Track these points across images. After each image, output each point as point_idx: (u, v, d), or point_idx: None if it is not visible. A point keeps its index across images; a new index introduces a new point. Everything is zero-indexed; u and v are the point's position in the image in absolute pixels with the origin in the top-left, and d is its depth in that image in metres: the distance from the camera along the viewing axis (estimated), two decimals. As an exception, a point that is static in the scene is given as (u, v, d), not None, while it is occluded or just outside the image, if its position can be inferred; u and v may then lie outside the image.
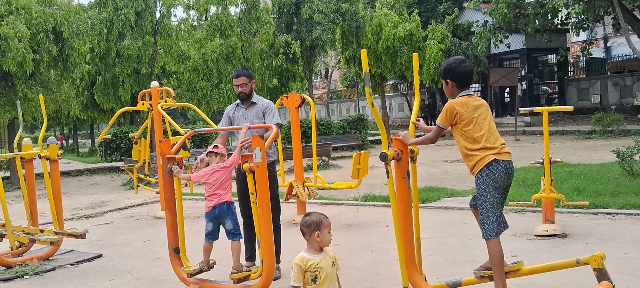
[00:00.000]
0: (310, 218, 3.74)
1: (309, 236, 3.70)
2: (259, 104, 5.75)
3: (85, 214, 10.74)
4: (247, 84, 5.69)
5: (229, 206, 5.10)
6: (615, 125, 18.63)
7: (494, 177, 3.90)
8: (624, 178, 9.44)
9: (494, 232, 3.92)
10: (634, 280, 4.85)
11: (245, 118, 5.60)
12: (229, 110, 5.86)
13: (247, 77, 5.71)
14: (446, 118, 4.01)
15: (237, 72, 5.78)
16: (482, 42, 23.07)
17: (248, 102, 5.73)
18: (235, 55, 21.12)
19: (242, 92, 5.67)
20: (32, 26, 15.51)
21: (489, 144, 3.94)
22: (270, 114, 5.70)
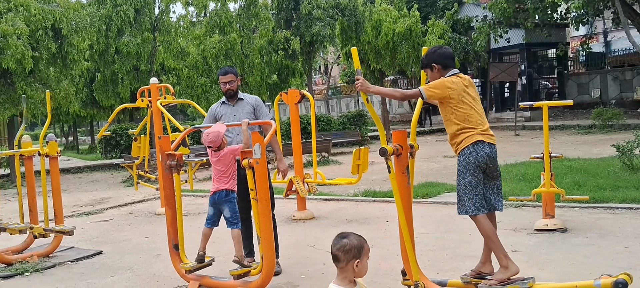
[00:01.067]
0: (350, 241, 2.94)
1: (344, 264, 2.93)
2: (246, 99, 5.75)
3: (85, 211, 10.74)
4: (234, 81, 5.67)
5: (228, 193, 5.10)
6: (615, 119, 18.61)
7: (477, 156, 3.95)
8: (624, 173, 9.44)
9: (470, 208, 3.94)
10: (634, 274, 4.84)
11: (234, 114, 5.59)
12: (214, 109, 5.80)
13: (235, 75, 5.70)
14: (434, 90, 3.99)
15: (224, 69, 5.75)
16: (481, 37, 23.04)
17: (235, 99, 5.71)
18: (234, 51, 21.09)
19: (230, 89, 5.64)
20: (31, 23, 15.48)
21: (477, 123, 4.00)
22: (262, 109, 5.75)
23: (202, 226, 5.40)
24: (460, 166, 4.01)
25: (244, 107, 5.68)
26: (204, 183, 13.84)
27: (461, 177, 4.00)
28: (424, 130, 24.84)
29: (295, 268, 5.76)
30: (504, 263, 3.93)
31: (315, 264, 5.85)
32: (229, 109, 5.69)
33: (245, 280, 4.97)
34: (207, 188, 12.40)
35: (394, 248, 5.80)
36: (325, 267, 5.77)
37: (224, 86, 5.65)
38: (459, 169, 4.02)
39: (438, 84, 4.01)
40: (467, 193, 3.97)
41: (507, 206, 8.02)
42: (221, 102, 5.78)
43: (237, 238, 5.09)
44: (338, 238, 3.00)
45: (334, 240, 3.00)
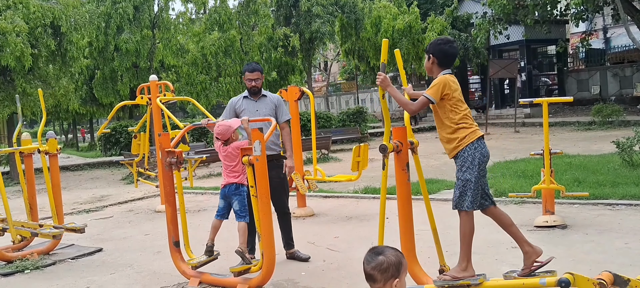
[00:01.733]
0: (387, 259, 2.58)
1: (382, 284, 2.57)
2: (269, 96, 5.87)
3: (85, 208, 10.74)
4: (260, 79, 5.79)
5: (238, 187, 5.13)
6: (614, 116, 18.61)
7: (482, 151, 3.98)
8: (623, 169, 9.44)
9: (470, 203, 3.94)
10: (634, 270, 4.84)
11: (256, 110, 5.66)
12: (235, 102, 5.84)
13: (261, 72, 5.81)
14: (438, 91, 3.99)
15: (252, 66, 5.82)
16: (481, 33, 23.02)
17: (258, 95, 5.80)
18: (234, 48, 21.08)
19: (255, 86, 5.74)
20: (30, 20, 15.46)
21: (472, 121, 4.05)
22: (283, 109, 5.92)
23: (202, 223, 5.41)
24: (466, 161, 3.99)
25: (267, 104, 5.77)
26: (203, 180, 13.85)
27: (467, 172, 3.97)
28: (424, 127, 24.83)
29: (295, 265, 5.77)
30: (464, 266, 3.97)
31: (315, 261, 5.86)
32: (252, 104, 5.76)
33: (246, 277, 4.98)
34: (207, 186, 12.41)
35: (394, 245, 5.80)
36: (326, 263, 5.78)
37: (249, 83, 5.73)
38: (464, 164, 4.00)
39: (439, 82, 4.00)
40: (470, 189, 3.95)
41: (507, 203, 8.03)
42: (243, 96, 5.83)
43: (242, 230, 5.12)
44: (372, 254, 2.63)
45: (367, 256, 2.64)
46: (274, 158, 5.65)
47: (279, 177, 5.71)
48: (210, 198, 10.97)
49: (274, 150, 5.69)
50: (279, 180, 5.72)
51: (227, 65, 20.99)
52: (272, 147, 5.66)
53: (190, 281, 5.27)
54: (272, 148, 5.65)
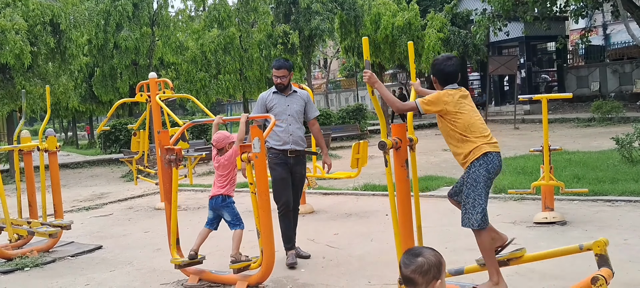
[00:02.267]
0: (427, 260, 2.42)
1: (423, 287, 2.41)
2: (299, 93, 5.89)
3: (85, 206, 10.75)
4: (286, 76, 5.74)
5: (224, 199, 5.11)
6: (614, 112, 18.62)
7: (488, 167, 3.90)
8: (623, 166, 9.44)
9: (477, 222, 3.91)
10: (633, 266, 4.86)
11: (287, 105, 5.70)
12: (265, 98, 5.82)
13: (288, 70, 5.76)
14: (430, 104, 3.97)
15: (279, 63, 5.78)
16: (481, 30, 23.01)
17: (288, 91, 5.79)
18: (233, 45, 21.05)
19: (281, 83, 5.72)
20: (29, 18, 15.44)
21: (480, 132, 3.96)
22: (312, 105, 5.95)
23: (202, 220, 5.41)
24: (471, 178, 3.93)
25: (297, 100, 5.81)
26: (203, 177, 13.85)
27: (472, 189, 3.93)
28: (423, 124, 24.83)
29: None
30: (495, 279, 3.95)
31: (315, 257, 5.86)
32: (282, 99, 5.76)
33: (245, 274, 4.98)
34: (206, 183, 12.40)
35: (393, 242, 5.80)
36: (325, 260, 5.78)
37: (276, 79, 5.73)
38: (470, 181, 3.94)
39: (434, 98, 3.98)
40: (477, 207, 3.92)
41: (506, 199, 8.04)
42: (272, 91, 5.82)
43: (237, 238, 5.09)
44: (410, 256, 2.46)
45: (405, 259, 2.47)
46: (300, 154, 5.75)
47: (301, 173, 5.81)
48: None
49: (300, 146, 5.74)
50: (300, 177, 5.82)
51: (226, 62, 20.96)
52: (300, 143, 5.74)
53: (190, 278, 5.28)
54: (300, 144, 5.74)
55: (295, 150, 5.68)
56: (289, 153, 5.64)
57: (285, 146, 5.64)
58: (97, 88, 21.61)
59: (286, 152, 5.63)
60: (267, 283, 5.03)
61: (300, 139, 5.75)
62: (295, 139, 5.69)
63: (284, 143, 5.66)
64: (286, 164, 5.65)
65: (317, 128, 6.04)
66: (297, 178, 5.77)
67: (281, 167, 5.64)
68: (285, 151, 5.64)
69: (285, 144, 5.65)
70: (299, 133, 5.74)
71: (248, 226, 5.33)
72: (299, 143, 5.72)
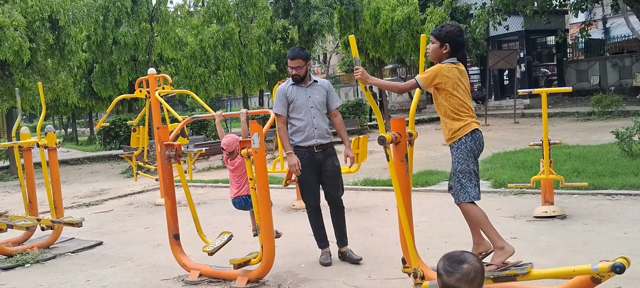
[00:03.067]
0: (472, 266, 2.23)
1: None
2: (320, 83, 5.50)
3: (86, 202, 10.75)
4: (302, 66, 5.34)
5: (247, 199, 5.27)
6: (614, 106, 18.60)
7: (475, 144, 3.98)
8: (623, 159, 9.44)
9: (474, 195, 3.94)
10: (633, 259, 4.85)
11: (309, 96, 5.35)
12: (284, 90, 5.41)
13: (303, 60, 5.34)
14: (429, 79, 3.97)
15: (293, 52, 5.37)
16: (480, 24, 22.95)
17: (308, 82, 5.42)
18: (232, 41, 21.05)
19: (297, 75, 5.34)
20: (28, 14, 15.43)
21: (471, 112, 4.01)
22: (334, 95, 5.56)
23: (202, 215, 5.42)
24: (461, 154, 3.99)
25: (319, 90, 5.44)
26: (203, 173, 13.85)
27: (463, 164, 3.98)
28: (423, 119, 24.82)
29: (295, 257, 5.78)
30: (499, 245, 3.93)
31: (315, 253, 5.86)
32: (303, 91, 5.38)
33: (246, 269, 4.99)
34: (207, 179, 12.40)
35: (393, 237, 5.82)
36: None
37: (291, 71, 5.38)
38: (460, 158, 4.00)
39: (433, 72, 3.99)
40: (471, 180, 3.96)
41: (506, 193, 8.04)
42: (290, 83, 5.43)
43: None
44: (453, 263, 2.26)
45: (447, 266, 2.27)
46: (327, 146, 5.43)
47: (333, 165, 5.43)
48: (209, 191, 10.98)
49: (327, 138, 5.41)
50: (333, 169, 5.43)
51: (225, 58, 20.95)
52: (325, 136, 5.40)
53: (191, 273, 5.28)
54: (326, 137, 5.40)
55: (322, 144, 5.35)
56: (316, 149, 5.33)
57: (310, 141, 5.32)
58: (97, 84, 21.61)
59: (312, 147, 5.32)
60: (268, 279, 5.03)
61: (326, 131, 5.41)
62: (321, 132, 5.36)
63: (308, 138, 5.33)
64: (313, 162, 5.33)
65: (339, 119, 5.61)
66: (329, 172, 5.40)
67: (308, 168, 5.30)
68: (311, 147, 5.32)
69: (310, 139, 5.32)
70: (324, 125, 5.40)
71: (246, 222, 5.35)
72: (324, 136, 5.38)
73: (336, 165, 5.45)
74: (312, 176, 5.35)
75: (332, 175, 5.42)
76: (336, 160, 5.46)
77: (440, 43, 4.08)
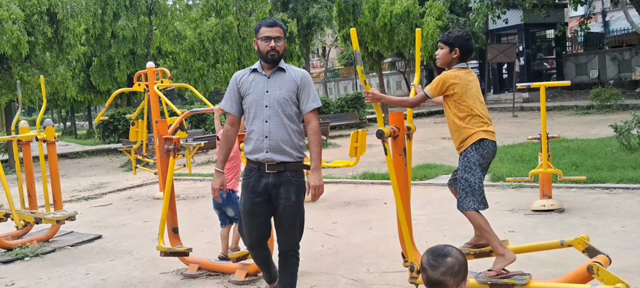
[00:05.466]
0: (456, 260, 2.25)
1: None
2: (289, 71, 3.80)
3: (85, 196, 10.76)
4: (282, 39, 3.74)
5: (229, 194, 5.16)
6: (613, 99, 18.61)
7: (483, 153, 3.93)
8: (621, 153, 9.46)
9: (476, 204, 3.93)
10: (631, 252, 4.88)
11: (266, 90, 3.72)
12: (239, 78, 3.85)
13: (284, 30, 3.80)
14: (437, 88, 3.96)
15: (269, 20, 3.79)
16: (479, 18, 22.93)
17: (273, 68, 3.77)
18: (231, 34, 21.01)
19: (274, 50, 3.69)
20: (26, 8, 15.39)
21: (482, 119, 3.96)
22: (309, 91, 3.79)
23: (201, 210, 5.43)
24: (469, 163, 3.96)
25: (284, 82, 3.74)
26: (202, 167, 13.86)
27: (470, 173, 3.95)
28: (422, 113, 24.82)
29: (294, 251, 5.79)
30: (500, 251, 3.94)
31: (313, 246, 5.89)
32: (262, 81, 3.76)
33: (245, 263, 5.01)
34: (205, 173, 12.41)
35: (392, 230, 5.83)
36: (324, 248, 5.80)
37: (266, 44, 3.69)
38: (467, 166, 3.97)
39: (440, 80, 3.97)
40: (477, 190, 3.94)
41: (505, 187, 8.06)
42: (251, 69, 3.85)
43: (237, 233, 5.15)
44: (436, 257, 2.26)
45: (431, 260, 2.26)
46: (285, 168, 3.73)
47: (287, 198, 3.76)
48: (208, 185, 10.96)
49: (284, 155, 3.72)
50: (286, 206, 3.78)
51: (224, 51, 20.92)
52: (282, 150, 3.71)
53: (190, 267, 5.30)
54: (283, 151, 3.71)
55: (274, 163, 3.70)
56: (267, 168, 3.71)
57: (257, 155, 3.73)
58: (95, 78, 21.58)
59: (261, 164, 3.72)
60: (266, 272, 5.04)
61: (286, 143, 3.70)
62: (274, 144, 3.69)
63: (256, 150, 3.73)
64: (260, 186, 3.74)
65: (314, 127, 3.79)
66: (280, 208, 3.77)
67: (251, 190, 3.76)
68: (260, 164, 3.73)
69: (258, 152, 3.72)
70: (282, 134, 3.69)
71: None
72: (281, 150, 3.69)
73: (292, 199, 3.77)
74: (254, 205, 3.78)
75: (284, 213, 3.81)
76: (294, 193, 3.78)
77: (449, 48, 4.05)
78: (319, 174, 3.76)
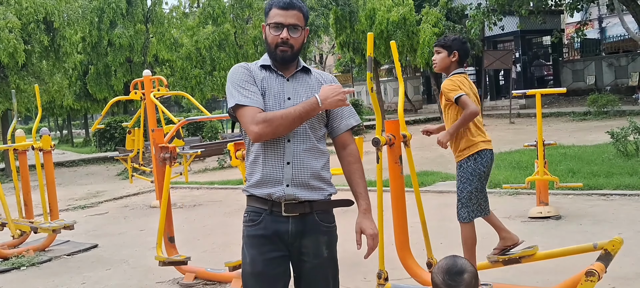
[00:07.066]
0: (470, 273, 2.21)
1: None
2: (316, 76, 2.68)
3: (81, 204, 10.73)
4: (299, 28, 2.54)
5: None
6: (610, 105, 18.65)
7: (483, 162, 3.95)
8: (618, 159, 9.46)
9: (469, 216, 3.97)
10: (628, 260, 4.87)
11: (288, 97, 2.54)
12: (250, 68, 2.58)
13: (304, 16, 2.57)
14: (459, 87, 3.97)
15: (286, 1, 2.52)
16: (475, 24, 22.98)
17: (292, 68, 2.61)
18: (228, 42, 21.03)
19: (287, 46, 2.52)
20: (22, 16, 15.39)
21: (481, 130, 3.99)
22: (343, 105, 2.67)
23: (198, 218, 5.40)
24: (465, 173, 3.99)
25: (312, 90, 2.59)
26: (199, 175, 13.83)
27: (467, 183, 3.97)
28: (419, 119, 24.85)
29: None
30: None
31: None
32: (279, 83, 2.57)
33: (240, 272, 4.97)
34: (202, 180, 12.39)
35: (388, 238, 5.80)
36: (321, 257, 5.78)
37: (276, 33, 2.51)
38: (464, 176, 3.99)
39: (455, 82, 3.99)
40: (471, 200, 3.96)
41: (501, 194, 8.05)
42: (260, 64, 2.61)
43: None
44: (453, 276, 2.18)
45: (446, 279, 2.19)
46: (313, 210, 2.57)
47: (318, 254, 2.64)
48: (205, 193, 10.97)
49: (315, 190, 2.57)
50: (319, 263, 2.66)
51: (221, 59, 20.93)
52: (312, 185, 2.56)
53: (186, 276, 5.28)
54: (312, 187, 2.56)
55: (300, 202, 2.53)
56: (285, 209, 2.51)
57: (273, 189, 2.51)
58: (92, 86, 21.56)
59: (277, 203, 2.51)
60: (263, 281, 5.02)
61: (314, 174, 2.57)
62: (300, 175, 2.54)
63: (270, 181, 2.51)
64: (276, 237, 2.53)
65: (355, 153, 2.80)
66: (306, 268, 2.62)
67: (261, 242, 2.53)
68: (273, 202, 2.51)
69: (275, 185, 2.50)
70: (311, 160, 2.58)
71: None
72: (307, 184, 2.54)
73: (323, 255, 2.66)
74: (268, 265, 2.53)
75: (312, 276, 2.65)
76: (326, 245, 2.69)
77: (447, 52, 4.05)
78: (371, 217, 2.72)
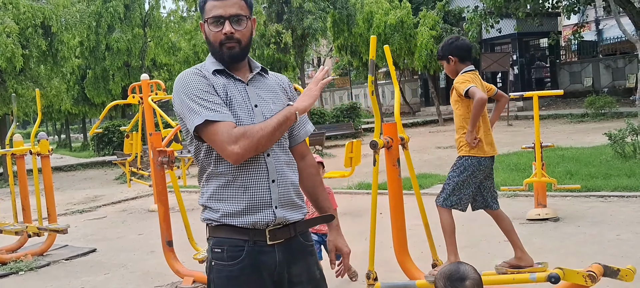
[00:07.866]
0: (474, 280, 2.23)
1: None
2: (273, 77, 2.37)
3: (79, 209, 10.72)
4: (243, 18, 2.18)
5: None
6: (607, 107, 18.69)
7: (477, 167, 4.01)
8: (615, 161, 9.48)
9: (449, 203, 4.00)
10: (626, 262, 4.87)
11: (254, 105, 2.20)
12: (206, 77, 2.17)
13: (246, 2, 2.22)
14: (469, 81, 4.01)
15: None
16: (473, 27, 23.04)
17: (247, 71, 2.28)
18: (226, 45, 21.04)
19: (233, 40, 2.17)
20: (20, 21, 15.38)
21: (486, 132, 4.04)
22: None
23: (196, 222, 5.38)
24: (460, 167, 4.05)
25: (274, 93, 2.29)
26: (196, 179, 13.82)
27: (456, 175, 4.04)
28: (417, 122, 24.87)
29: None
30: (451, 260, 4.06)
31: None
32: (240, 89, 2.21)
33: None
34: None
35: (388, 241, 5.81)
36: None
37: (217, 29, 2.16)
38: (457, 168, 4.06)
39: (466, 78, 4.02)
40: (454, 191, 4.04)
41: (499, 196, 8.04)
42: (215, 69, 2.20)
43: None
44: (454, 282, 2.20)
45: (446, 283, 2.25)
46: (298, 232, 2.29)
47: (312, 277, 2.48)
48: (204, 196, 10.95)
49: (299, 210, 2.28)
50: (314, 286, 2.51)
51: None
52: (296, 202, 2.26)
53: (184, 280, 5.27)
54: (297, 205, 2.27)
55: (286, 225, 2.23)
56: (270, 237, 2.18)
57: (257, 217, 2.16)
58: (90, 90, 21.57)
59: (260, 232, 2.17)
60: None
61: (296, 190, 2.28)
62: (286, 193, 2.22)
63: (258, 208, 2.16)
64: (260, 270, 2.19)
65: (314, 164, 2.46)
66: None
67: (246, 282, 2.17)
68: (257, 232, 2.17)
69: (257, 211, 2.16)
70: (291, 175, 2.26)
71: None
72: (292, 203, 2.24)
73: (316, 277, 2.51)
74: None
75: None
76: (316, 265, 2.51)
77: (445, 61, 4.15)
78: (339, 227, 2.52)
